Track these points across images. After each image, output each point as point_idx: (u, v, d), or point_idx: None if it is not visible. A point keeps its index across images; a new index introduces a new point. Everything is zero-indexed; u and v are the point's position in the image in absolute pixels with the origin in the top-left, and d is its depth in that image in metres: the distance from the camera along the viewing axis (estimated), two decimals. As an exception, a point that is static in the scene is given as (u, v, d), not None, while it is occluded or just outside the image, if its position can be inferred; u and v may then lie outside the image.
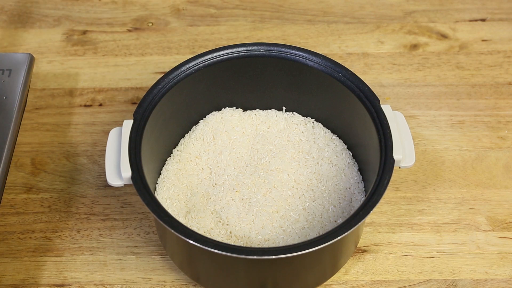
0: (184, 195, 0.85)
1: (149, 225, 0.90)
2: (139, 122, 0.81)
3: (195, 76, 0.86)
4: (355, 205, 0.84)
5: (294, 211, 0.83)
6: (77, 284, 0.85)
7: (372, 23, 1.12)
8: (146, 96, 0.82)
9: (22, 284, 0.85)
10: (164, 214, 0.74)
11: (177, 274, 0.86)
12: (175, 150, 0.89)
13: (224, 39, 1.10)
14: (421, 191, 0.93)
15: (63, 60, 1.07)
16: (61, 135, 0.98)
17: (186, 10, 1.15)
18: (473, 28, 1.12)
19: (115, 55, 1.08)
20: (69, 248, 0.88)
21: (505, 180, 0.94)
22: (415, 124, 0.99)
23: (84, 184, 0.93)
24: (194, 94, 0.87)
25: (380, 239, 0.89)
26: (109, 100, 1.02)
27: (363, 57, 1.08)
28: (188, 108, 0.88)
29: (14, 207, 0.91)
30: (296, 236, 0.81)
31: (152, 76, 1.05)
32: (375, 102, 0.82)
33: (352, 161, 0.88)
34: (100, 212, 0.91)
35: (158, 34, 1.11)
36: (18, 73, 0.96)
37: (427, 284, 0.85)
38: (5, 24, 1.12)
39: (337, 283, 0.85)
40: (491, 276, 0.86)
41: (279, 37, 1.10)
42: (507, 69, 1.06)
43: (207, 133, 0.90)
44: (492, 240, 0.89)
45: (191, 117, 0.90)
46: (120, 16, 1.14)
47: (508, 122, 1.00)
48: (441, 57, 1.08)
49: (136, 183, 0.76)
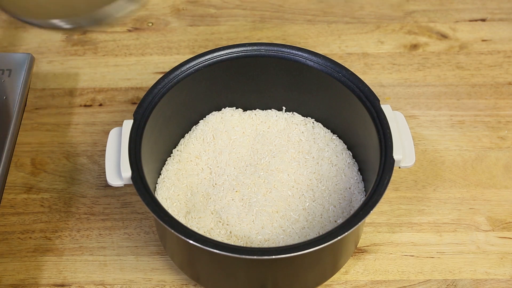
0: (184, 195, 0.85)
1: (149, 225, 0.90)
2: (139, 122, 0.80)
3: (195, 76, 0.85)
4: (355, 205, 0.84)
5: (294, 211, 0.83)
6: (77, 284, 0.85)
7: (372, 23, 1.12)
8: (146, 96, 0.82)
9: (22, 284, 0.85)
10: (164, 214, 0.74)
11: (177, 274, 0.86)
12: (175, 150, 0.89)
13: (224, 39, 1.10)
14: (421, 191, 0.93)
15: (63, 60, 1.07)
16: (61, 135, 0.98)
17: (186, 10, 1.15)
18: (473, 28, 1.12)
19: (115, 55, 1.08)
20: (69, 248, 0.88)
21: (505, 180, 0.94)
22: (415, 124, 0.99)
23: (84, 184, 0.93)
24: (194, 94, 0.87)
25: (380, 239, 0.89)
26: (109, 100, 1.02)
27: (363, 57, 1.08)
28: (188, 108, 0.88)
29: (14, 207, 0.91)
30: (296, 236, 0.81)
31: (152, 76, 1.05)
32: (375, 102, 0.82)
33: (352, 161, 0.88)
34: (100, 212, 0.91)
35: (158, 34, 1.11)
36: (18, 73, 0.96)
37: (427, 284, 0.85)
38: (5, 24, 1.12)
39: (337, 283, 0.85)
40: (491, 276, 0.86)
41: (279, 37, 1.10)
42: (507, 69, 1.06)
43: (207, 133, 0.90)
44: (492, 240, 0.89)
45: (191, 117, 0.90)
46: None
47: (508, 122, 1.00)
48: (441, 57, 1.08)
49: (136, 183, 0.76)
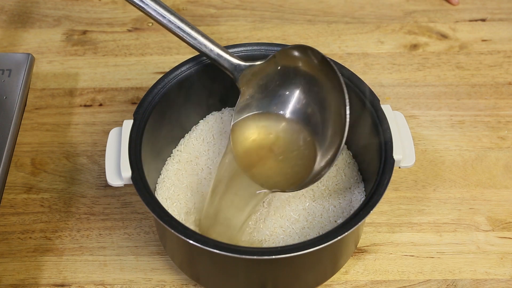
0: (184, 195, 0.85)
1: (149, 225, 0.90)
2: (139, 122, 0.80)
3: (195, 76, 0.85)
4: (355, 205, 0.84)
5: (294, 211, 0.83)
6: (77, 284, 0.85)
7: (372, 23, 1.12)
8: (146, 96, 0.82)
9: (22, 284, 0.85)
10: (164, 214, 0.74)
11: (177, 274, 0.86)
12: (175, 150, 0.89)
13: (224, 39, 1.10)
14: (421, 191, 0.93)
15: (63, 60, 1.07)
16: (61, 135, 0.98)
17: (186, 10, 1.14)
18: (473, 28, 1.12)
19: (115, 55, 1.08)
20: (69, 248, 0.88)
21: (505, 180, 0.94)
22: (415, 124, 0.99)
23: (84, 184, 0.93)
24: (194, 94, 0.87)
25: (380, 239, 0.89)
26: (109, 100, 1.02)
27: (363, 57, 1.08)
28: (188, 108, 0.88)
29: (14, 207, 0.91)
30: (296, 236, 0.81)
31: (152, 76, 1.05)
32: (375, 102, 0.82)
33: (352, 161, 0.88)
34: (100, 212, 0.91)
35: (158, 34, 1.11)
36: (18, 73, 0.96)
37: (427, 284, 0.85)
38: (5, 24, 1.12)
39: (337, 283, 0.85)
40: (491, 276, 0.86)
41: (279, 37, 1.10)
42: (507, 69, 1.06)
43: (207, 133, 0.90)
44: (492, 240, 0.89)
45: (191, 117, 0.90)
46: (120, 16, 1.14)
47: (508, 122, 1.00)
48: (441, 57, 1.08)
49: (136, 183, 0.76)
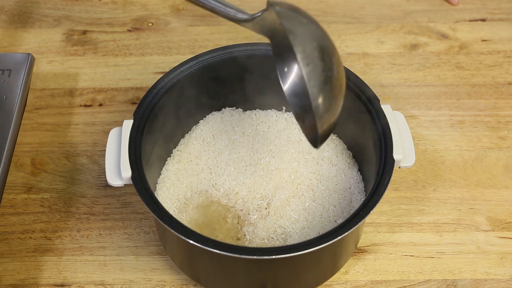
0: (184, 195, 0.85)
1: (149, 225, 0.90)
2: (139, 122, 0.80)
3: (195, 76, 0.85)
4: (355, 205, 0.84)
5: (294, 211, 0.83)
6: (77, 284, 0.85)
7: (372, 23, 1.12)
8: (146, 96, 0.82)
9: (22, 284, 0.85)
10: (164, 214, 0.74)
11: (177, 274, 0.86)
12: (175, 150, 0.89)
13: (224, 39, 1.10)
14: (421, 191, 0.93)
15: (63, 60, 1.07)
16: (61, 135, 0.98)
17: (186, 10, 1.14)
18: (473, 28, 1.12)
19: (115, 55, 1.08)
20: (69, 248, 0.88)
21: (505, 180, 0.94)
22: (415, 124, 0.99)
23: (84, 184, 0.93)
24: (194, 94, 0.87)
25: (380, 239, 0.89)
26: (109, 100, 1.02)
27: (363, 57, 1.08)
28: (188, 108, 0.88)
29: (14, 207, 0.91)
30: (296, 236, 0.81)
31: (152, 76, 1.05)
32: (375, 102, 0.82)
33: (352, 161, 0.88)
34: (100, 212, 0.91)
35: (158, 34, 1.11)
36: (18, 73, 0.96)
37: (427, 284, 0.85)
38: (5, 24, 1.12)
39: (337, 283, 0.85)
40: (491, 276, 0.86)
41: (279, 37, 1.10)
42: (507, 69, 1.06)
43: (207, 133, 0.90)
44: (492, 240, 0.89)
45: (191, 117, 0.90)
46: (120, 16, 1.14)
47: (508, 122, 1.00)
48: (441, 57, 1.08)
49: (136, 183, 0.76)
